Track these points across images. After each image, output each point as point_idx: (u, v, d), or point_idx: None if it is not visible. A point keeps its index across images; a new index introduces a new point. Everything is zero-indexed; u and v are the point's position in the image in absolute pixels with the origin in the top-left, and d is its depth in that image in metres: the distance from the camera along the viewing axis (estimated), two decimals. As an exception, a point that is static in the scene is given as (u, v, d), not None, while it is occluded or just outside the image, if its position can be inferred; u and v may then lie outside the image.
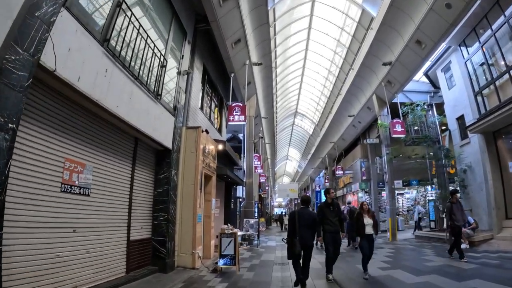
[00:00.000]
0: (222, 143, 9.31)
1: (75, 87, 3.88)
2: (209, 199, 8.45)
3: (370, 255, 5.93)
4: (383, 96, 15.10)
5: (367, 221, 5.91)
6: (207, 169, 8.18)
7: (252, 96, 14.79)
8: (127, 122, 5.09)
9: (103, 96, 4.48)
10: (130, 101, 5.26)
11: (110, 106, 4.64)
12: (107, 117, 4.90)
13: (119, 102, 4.89)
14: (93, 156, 4.79)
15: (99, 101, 4.37)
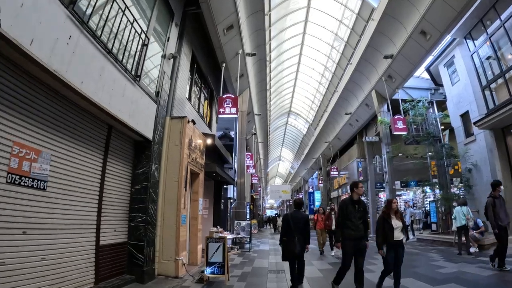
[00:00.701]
0: (211, 137, 8.53)
1: (26, 51, 3.11)
2: (196, 198, 7.65)
3: (397, 269, 4.64)
4: (383, 92, 14.58)
5: (395, 223, 4.62)
6: (194, 165, 7.39)
7: (245, 90, 14.06)
8: (95, 102, 4.28)
9: (64, 67, 3.69)
10: (100, 79, 4.46)
11: (73, 81, 3.83)
12: (70, 95, 4.08)
13: (85, 77, 4.09)
14: (52, 142, 3.97)
15: (58, 72, 3.57)
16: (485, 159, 10.85)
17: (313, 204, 34.75)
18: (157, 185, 6.21)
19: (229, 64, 11.49)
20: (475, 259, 7.69)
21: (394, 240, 4.55)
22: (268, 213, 50.12)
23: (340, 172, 23.76)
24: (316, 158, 30.67)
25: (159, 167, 6.41)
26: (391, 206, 4.79)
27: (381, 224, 4.72)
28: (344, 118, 19.76)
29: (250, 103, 15.52)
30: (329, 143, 24.39)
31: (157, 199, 6.20)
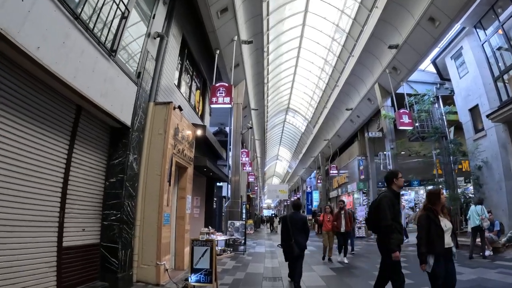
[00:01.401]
0: (202, 128, 7.82)
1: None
2: (184, 195, 6.93)
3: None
4: (387, 85, 13.93)
5: (445, 224, 3.32)
6: (181, 158, 6.66)
7: (240, 82, 13.36)
8: (54, 73, 3.55)
9: (12, 26, 2.96)
10: (63, 47, 3.72)
11: (25, 44, 3.10)
12: (24, 63, 3.35)
13: (42, 42, 3.36)
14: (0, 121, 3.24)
15: (6, 31, 2.86)
16: (497, 155, 10.23)
17: (311, 204, 34.18)
18: (136, 179, 5.47)
19: (224, 51, 10.78)
20: (492, 263, 7.04)
21: (444, 248, 3.22)
22: (265, 213, 49.45)
23: (340, 171, 23.11)
24: (314, 157, 30.02)
25: (140, 158, 5.67)
26: (439, 200, 3.40)
27: (424, 226, 3.31)
28: (344, 114, 19.11)
29: (246, 97, 14.81)
30: (329, 141, 23.74)
31: (136, 194, 5.47)
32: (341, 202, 8.86)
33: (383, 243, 3.57)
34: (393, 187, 3.78)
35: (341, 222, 8.16)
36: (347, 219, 8.15)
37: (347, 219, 8.14)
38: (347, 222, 8.11)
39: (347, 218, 8.16)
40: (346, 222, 8.11)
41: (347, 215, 8.22)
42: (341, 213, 8.32)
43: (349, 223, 8.18)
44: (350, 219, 8.28)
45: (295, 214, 5.44)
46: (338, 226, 8.17)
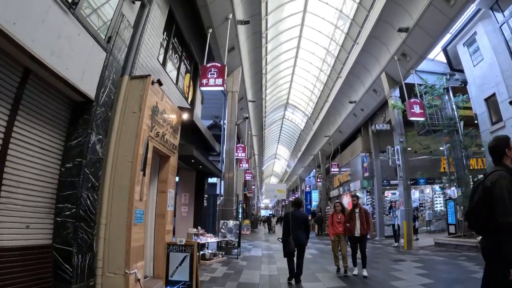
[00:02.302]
0: (188, 112, 6.85)
1: None
2: (165, 189, 5.94)
3: None
4: (395, 74, 13.05)
5: None
6: (161, 144, 5.68)
7: (236, 68, 12.41)
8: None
9: None
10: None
11: None
12: None
13: None
14: None
15: None
16: (520, 149, 9.33)
17: (310, 204, 33.31)
18: (99, 165, 4.48)
19: (217, 31, 9.81)
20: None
21: None
22: (263, 213, 48.53)
23: (341, 169, 22.19)
24: (314, 155, 29.09)
25: (108, 140, 4.68)
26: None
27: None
28: (347, 108, 18.19)
29: (242, 86, 13.85)
30: (330, 137, 22.81)
31: (101, 184, 4.47)
32: (355, 197, 6.92)
33: (500, 250, 2.11)
34: (505, 161, 2.33)
35: (356, 224, 6.48)
36: (363, 219, 6.46)
37: (363, 220, 6.46)
38: (363, 224, 6.43)
39: (362, 218, 6.48)
40: (362, 223, 6.43)
41: (363, 214, 6.54)
42: (355, 211, 6.57)
43: (366, 224, 6.49)
44: (367, 219, 6.57)
45: (296, 211, 6.12)
46: (351, 228, 6.50)
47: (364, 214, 6.57)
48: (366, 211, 6.83)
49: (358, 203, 6.79)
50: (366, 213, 6.73)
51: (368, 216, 6.82)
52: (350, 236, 6.63)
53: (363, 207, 6.88)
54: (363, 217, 6.50)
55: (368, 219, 6.71)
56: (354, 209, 6.66)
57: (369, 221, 6.73)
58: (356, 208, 6.64)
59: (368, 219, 6.71)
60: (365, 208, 7.05)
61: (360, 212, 6.57)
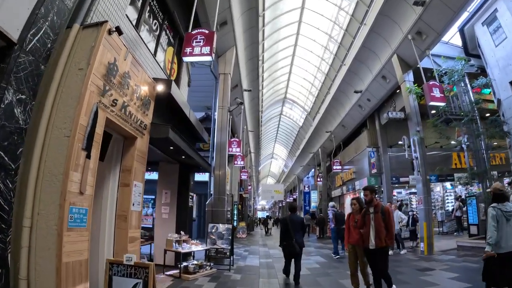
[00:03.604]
0: (164, 83, 5.35)
1: None
2: (128, 182, 4.45)
3: None
4: (408, 56, 11.67)
5: None
6: (123, 119, 4.20)
7: (229, 48, 10.92)
8: None
9: None
10: None
11: None
12: None
13: None
14: None
15: None
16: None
17: (309, 206, 31.94)
18: (18, 137, 2.97)
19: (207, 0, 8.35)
20: None
21: None
22: (260, 214, 47.06)
23: (344, 167, 20.76)
24: (314, 153, 27.63)
25: (38, 104, 3.19)
26: None
27: None
28: (352, 99, 16.78)
29: (236, 71, 12.37)
30: (331, 133, 21.36)
31: (22, 168, 2.98)
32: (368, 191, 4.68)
33: None
34: None
35: (370, 231, 4.47)
36: (379, 223, 4.39)
37: (379, 224, 4.39)
38: (379, 231, 4.37)
39: (379, 222, 4.40)
40: (378, 230, 4.37)
41: (380, 216, 4.46)
42: (369, 211, 4.57)
43: (386, 232, 4.40)
44: (387, 223, 4.44)
45: (293, 216, 6.34)
46: (365, 237, 4.55)
47: (381, 216, 4.43)
48: (388, 210, 4.68)
49: (373, 198, 4.59)
50: (387, 213, 4.55)
51: (390, 218, 4.56)
52: (364, 249, 4.67)
53: (381, 204, 4.71)
54: (379, 221, 4.38)
55: (390, 222, 4.47)
56: (368, 207, 4.62)
57: (391, 225, 4.45)
58: (371, 206, 4.57)
59: (390, 222, 4.47)
60: (386, 206, 5.16)
61: (376, 213, 4.46)
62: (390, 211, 4.80)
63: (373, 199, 4.61)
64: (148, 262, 2.84)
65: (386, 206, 5.16)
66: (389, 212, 4.71)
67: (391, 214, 4.74)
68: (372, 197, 4.60)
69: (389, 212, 4.63)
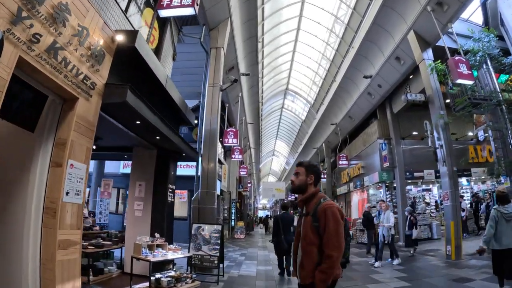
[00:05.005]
0: (127, 35, 4.04)
1: None
2: (60, 160, 3.15)
3: None
4: (427, 32, 10.36)
5: None
6: (53, 68, 2.92)
7: (223, 21, 9.58)
8: None
9: None
10: None
11: None
12: None
13: None
14: None
15: None
16: None
17: (312, 205, 30.62)
18: None
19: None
20: None
21: None
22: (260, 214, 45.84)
23: (351, 162, 19.41)
24: (317, 148, 26.29)
25: None
26: None
27: None
28: (360, 86, 15.43)
29: (232, 49, 11.05)
30: (337, 125, 20.00)
31: None
32: (303, 168, 2.31)
33: None
34: None
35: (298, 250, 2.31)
36: (305, 236, 2.20)
37: (304, 239, 2.21)
38: (302, 252, 2.19)
39: (305, 232, 2.19)
40: (302, 250, 2.19)
41: (315, 221, 2.14)
42: (303, 214, 2.32)
43: (324, 252, 2.06)
44: (327, 235, 2.05)
45: (285, 214, 7.03)
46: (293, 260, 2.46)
47: (312, 224, 2.13)
48: (325, 210, 2.09)
49: (308, 184, 2.26)
50: (323, 217, 2.09)
51: (330, 227, 2.05)
52: None
53: (321, 198, 2.21)
54: (307, 232, 2.16)
55: (329, 236, 2.03)
56: (301, 205, 2.36)
57: (330, 243, 2.01)
58: (303, 201, 2.30)
59: (329, 236, 2.03)
60: (327, 204, 2.14)
61: (306, 216, 2.22)
62: (333, 214, 2.08)
63: (308, 185, 2.25)
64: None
65: (327, 204, 2.14)
66: (329, 215, 2.07)
67: (332, 220, 2.06)
68: (305, 182, 2.25)
69: (326, 215, 2.07)
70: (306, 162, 2.35)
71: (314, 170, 2.29)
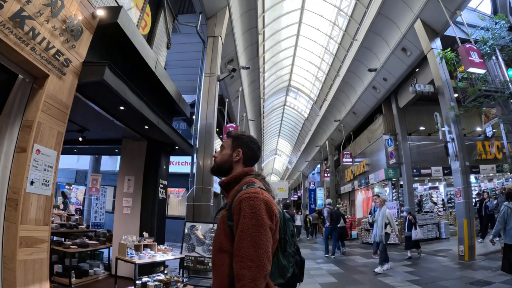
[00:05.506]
0: (109, 10, 3.65)
1: None
2: (24, 145, 2.75)
3: None
4: (435, 20, 9.99)
5: None
6: (19, 39, 2.53)
7: (221, 9, 9.17)
8: None
9: None
10: None
11: None
12: None
13: None
14: None
15: None
16: None
17: (315, 203, 30.28)
18: None
19: None
20: None
21: None
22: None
23: (355, 159, 18.96)
24: (320, 146, 25.85)
25: None
26: None
27: None
28: (364, 80, 15.00)
29: (231, 40, 10.66)
30: (340, 121, 19.56)
31: None
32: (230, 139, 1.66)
33: None
34: None
35: None
36: (216, 240, 1.47)
37: (215, 243, 1.44)
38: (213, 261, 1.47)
39: (218, 235, 1.43)
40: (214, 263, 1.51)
41: (229, 219, 1.37)
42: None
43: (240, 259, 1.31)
44: (240, 238, 1.24)
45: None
46: None
47: (226, 222, 1.37)
48: (241, 202, 1.31)
49: (233, 162, 1.58)
50: (238, 211, 1.31)
51: (248, 230, 1.25)
52: None
53: (246, 184, 1.43)
54: (219, 234, 1.37)
55: (241, 239, 1.25)
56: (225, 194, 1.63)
57: (246, 255, 1.21)
58: (228, 194, 1.54)
59: (241, 239, 1.25)
60: (249, 192, 1.33)
61: (221, 216, 1.43)
62: (252, 208, 1.27)
63: (234, 164, 1.57)
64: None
65: (246, 192, 1.33)
66: (245, 210, 1.28)
67: (249, 218, 1.26)
68: (229, 158, 1.58)
69: (241, 210, 1.28)
70: (236, 132, 1.70)
71: (244, 142, 1.58)
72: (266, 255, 1.21)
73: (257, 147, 1.63)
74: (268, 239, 1.24)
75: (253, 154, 1.59)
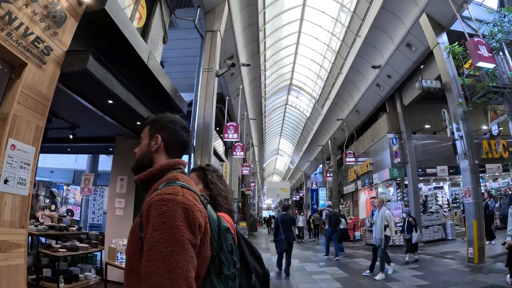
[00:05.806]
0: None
1: None
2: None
3: None
4: (441, 14, 9.77)
5: None
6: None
7: (220, 3, 8.93)
8: None
9: None
10: None
11: None
12: None
13: None
14: None
15: None
16: None
17: (317, 204, 30.07)
18: None
19: None
20: None
21: None
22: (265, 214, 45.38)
23: (358, 159, 18.67)
24: (322, 146, 25.58)
25: None
26: None
27: None
28: (368, 77, 14.73)
29: (230, 36, 10.42)
30: (343, 120, 19.30)
31: None
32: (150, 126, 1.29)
33: None
34: None
35: None
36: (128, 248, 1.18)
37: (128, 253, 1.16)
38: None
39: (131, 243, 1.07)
40: None
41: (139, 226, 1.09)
42: None
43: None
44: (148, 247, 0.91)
45: (284, 215, 7.53)
46: None
47: (137, 228, 1.10)
48: (150, 206, 0.98)
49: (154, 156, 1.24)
50: (146, 217, 0.98)
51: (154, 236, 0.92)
52: None
53: (155, 193, 1.03)
54: (133, 242, 1.09)
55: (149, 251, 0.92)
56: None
57: (152, 279, 0.87)
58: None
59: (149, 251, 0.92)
60: (162, 197, 0.97)
61: (134, 223, 1.16)
62: (163, 215, 0.94)
63: (153, 155, 1.21)
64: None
65: (159, 194, 1.00)
66: (153, 217, 0.94)
67: (159, 230, 0.91)
68: (147, 150, 1.23)
69: (149, 217, 0.96)
70: (154, 116, 1.29)
71: (163, 124, 1.22)
72: (185, 283, 0.87)
73: (181, 127, 1.21)
74: (188, 259, 0.90)
75: (177, 138, 1.19)
